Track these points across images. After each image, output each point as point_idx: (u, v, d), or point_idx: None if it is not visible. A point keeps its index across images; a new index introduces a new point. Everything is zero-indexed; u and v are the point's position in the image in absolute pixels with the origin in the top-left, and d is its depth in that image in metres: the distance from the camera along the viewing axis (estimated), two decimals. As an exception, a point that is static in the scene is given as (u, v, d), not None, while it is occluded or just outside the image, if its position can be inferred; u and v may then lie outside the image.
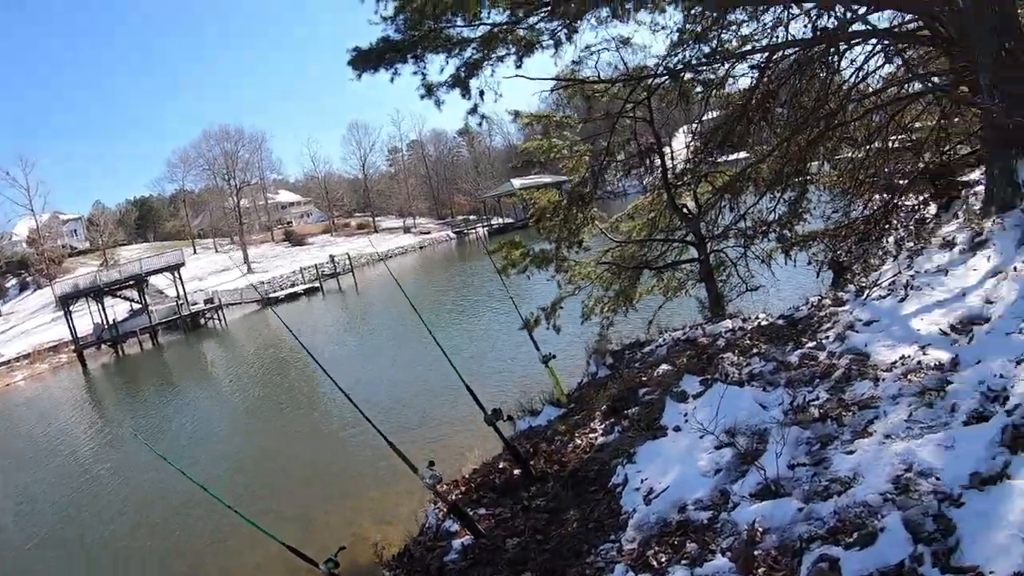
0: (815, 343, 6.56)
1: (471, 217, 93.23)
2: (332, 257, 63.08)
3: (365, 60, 9.64)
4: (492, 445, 8.83)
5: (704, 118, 12.22)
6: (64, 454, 21.71)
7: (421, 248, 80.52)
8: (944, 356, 5.08)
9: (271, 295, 55.37)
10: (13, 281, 77.29)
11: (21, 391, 42.61)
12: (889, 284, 6.92)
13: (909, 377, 5.02)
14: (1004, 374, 4.35)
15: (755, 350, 7.14)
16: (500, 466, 7.65)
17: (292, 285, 59.18)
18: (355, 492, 12.67)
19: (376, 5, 9.42)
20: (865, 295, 7.05)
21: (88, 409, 31.03)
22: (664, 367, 8.16)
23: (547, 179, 44.35)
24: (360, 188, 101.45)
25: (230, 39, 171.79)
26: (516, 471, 7.10)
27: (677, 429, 5.89)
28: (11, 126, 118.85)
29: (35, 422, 30.17)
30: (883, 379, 5.16)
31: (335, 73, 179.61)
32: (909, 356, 5.33)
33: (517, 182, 65.20)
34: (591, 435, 7.39)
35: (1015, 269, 5.43)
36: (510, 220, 77.72)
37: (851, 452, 4.40)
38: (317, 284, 57.31)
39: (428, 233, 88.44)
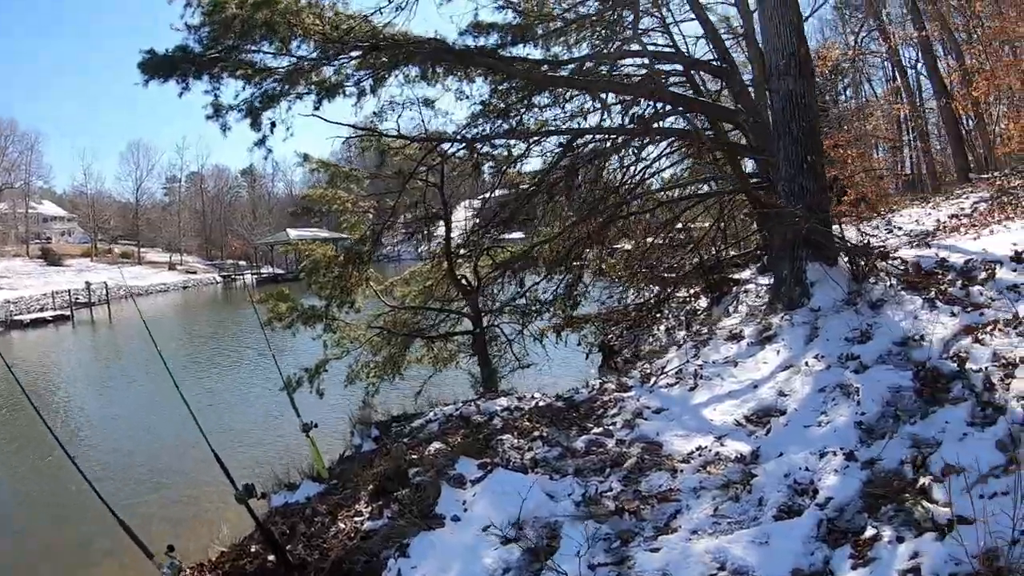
0: (602, 429, 6.18)
1: (241, 262, 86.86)
2: (88, 284, 56.30)
3: (157, 67, 8.67)
4: (244, 523, 7.40)
5: (494, 193, 12.30)
6: None
7: (185, 288, 73.00)
8: (744, 448, 4.91)
9: (15, 317, 48.37)
10: None
11: None
12: (676, 372, 6.85)
13: (709, 469, 4.76)
14: (809, 467, 4.20)
15: (536, 433, 6.60)
16: (252, 550, 6.52)
17: (41, 309, 51.63)
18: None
19: (183, 10, 8.59)
20: (652, 382, 6.91)
21: None
22: (437, 445, 7.31)
23: (325, 234, 42.61)
24: (131, 214, 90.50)
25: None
26: (271, 557, 6.07)
27: (456, 519, 5.08)
28: None
29: None
30: (681, 470, 4.85)
31: (125, 81, 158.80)
32: (706, 447, 5.10)
33: (293, 233, 61.74)
34: (356, 519, 6.42)
35: (806, 364, 5.47)
36: (281, 271, 74.61)
37: (656, 550, 3.91)
38: (68, 312, 50.62)
39: (194, 273, 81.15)
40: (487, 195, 12.52)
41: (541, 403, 7.99)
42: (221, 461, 6.17)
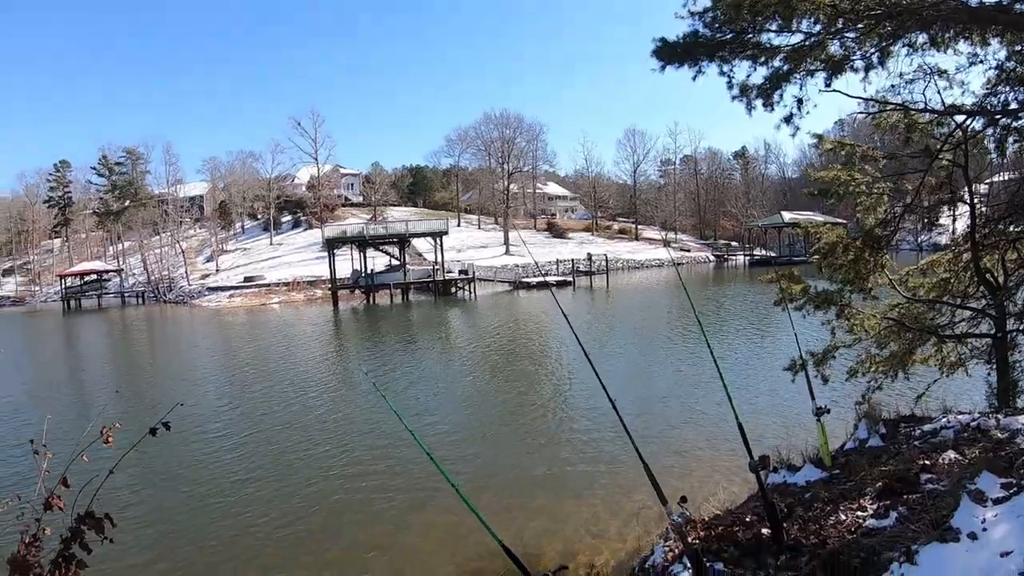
0: None
1: (733, 243, 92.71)
2: (590, 255, 65.45)
3: (671, 53, 8.93)
4: (739, 491, 8.48)
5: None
6: (295, 374, 23.39)
7: (678, 265, 79.86)
8: None
9: (523, 280, 58.65)
10: (288, 217, 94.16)
11: (276, 313, 50.37)
12: None
13: None
14: None
15: (1076, 463, 4.29)
16: (747, 519, 6.23)
17: (545, 274, 60.16)
18: (578, 496, 11.36)
19: None
20: None
21: (329, 341, 34.40)
22: (951, 455, 6.44)
23: (819, 217, 41.24)
24: (627, 194, 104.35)
25: (514, 26, 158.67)
26: (764, 531, 5.68)
27: (973, 537, 4.11)
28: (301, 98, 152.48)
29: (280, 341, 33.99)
30: None
31: (617, 72, 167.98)
32: None
33: (787, 215, 67.60)
34: (859, 513, 5.70)
35: None
36: (773, 254, 77.74)
37: None
38: (570, 278, 58.23)
39: (687, 251, 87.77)
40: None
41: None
42: (743, 429, 5.95)
